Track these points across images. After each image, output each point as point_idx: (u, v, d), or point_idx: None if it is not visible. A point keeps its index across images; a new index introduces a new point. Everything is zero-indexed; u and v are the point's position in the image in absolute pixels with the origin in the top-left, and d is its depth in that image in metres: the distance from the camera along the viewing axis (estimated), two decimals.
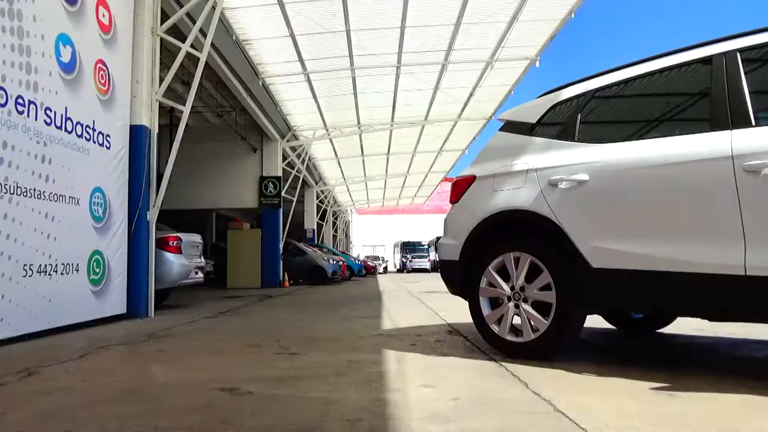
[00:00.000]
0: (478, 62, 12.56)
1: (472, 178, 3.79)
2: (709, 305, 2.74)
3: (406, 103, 15.17)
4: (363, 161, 22.75)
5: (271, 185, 16.21)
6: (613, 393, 2.49)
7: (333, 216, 33.34)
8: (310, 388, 2.70)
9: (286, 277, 16.13)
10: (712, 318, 3.01)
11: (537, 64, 12.43)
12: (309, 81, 13.05)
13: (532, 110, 3.70)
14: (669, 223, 2.79)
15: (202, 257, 8.96)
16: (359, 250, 51.21)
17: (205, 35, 7.88)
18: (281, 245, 16.34)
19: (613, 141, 3.18)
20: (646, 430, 1.94)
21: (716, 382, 2.62)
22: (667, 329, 4.43)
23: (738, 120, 2.65)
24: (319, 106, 14.95)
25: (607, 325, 4.64)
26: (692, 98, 3.10)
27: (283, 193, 16.47)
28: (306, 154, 18.31)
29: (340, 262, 19.90)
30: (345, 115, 15.92)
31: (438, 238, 5.57)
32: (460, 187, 3.87)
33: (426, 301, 8.44)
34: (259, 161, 16.49)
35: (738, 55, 2.77)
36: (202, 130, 16.25)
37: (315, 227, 25.69)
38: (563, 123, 3.45)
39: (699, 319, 3.11)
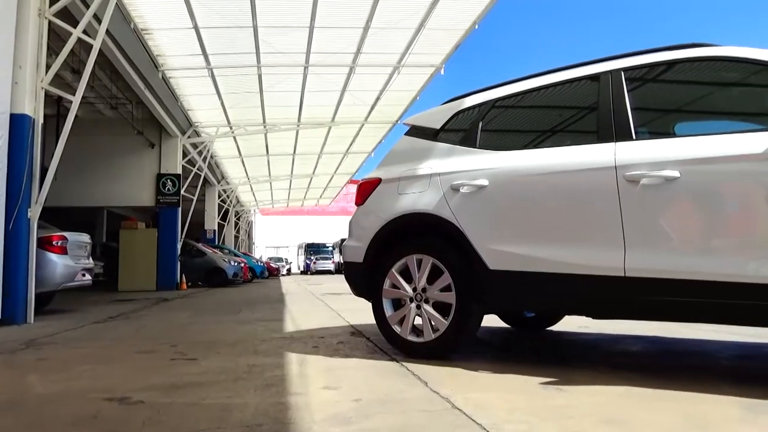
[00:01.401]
0: (385, 67, 12.73)
1: (377, 181, 3.84)
2: (593, 304, 2.95)
3: (314, 104, 15.07)
4: (268, 161, 22.32)
5: (170, 183, 15.46)
6: (506, 389, 2.61)
7: (235, 216, 32.38)
8: (207, 394, 2.59)
9: (184, 280, 15.44)
10: (595, 316, 3.25)
11: (442, 71, 12.82)
12: (213, 76, 12.61)
13: (436, 116, 3.80)
14: (559, 227, 2.98)
15: (91, 258, 8.37)
16: (262, 251, 50.15)
17: (99, 21, 7.38)
18: (179, 246, 15.63)
19: (510, 149, 3.34)
20: (534, 423, 2.05)
21: (598, 376, 2.82)
22: (556, 327, 4.72)
23: (621, 133, 2.87)
24: (223, 103, 14.48)
25: (501, 323, 4.86)
26: (582, 112, 3.32)
27: (182, 192, 15.76)
28: (208, 151, 17.64)
29: (242, 264, 19.36)
30: (250, 113, 15.53)
31: (343, 240, 5.58)
32: (366, 190, 3.90)
33: (329, 303, 8.42)
34: (156, 157, 15.66)
35: (622, 74, 3.01)
36: (94, 122, 15.17)
37: (216, 228, 24.84)
38: (465, 130, 3.58)
39: (584, 317, 3.34)
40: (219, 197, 25.28)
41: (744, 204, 2.54)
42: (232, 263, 18.06)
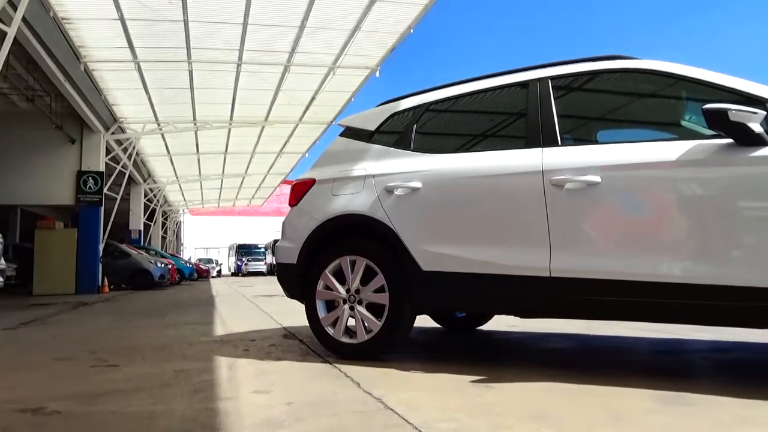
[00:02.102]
0: (320, 67, 12.66)
1: (311, 182, 3.81)
2: (521, 304, 3.05)
3: (247, 102, 14.77)
4: (198, 159, 21.66)
5: (92, 181, 14.69)
6: (438, 388, 2.65)
7: (163, 216, 31.22)
8: (131, 402, 2.48)
9: (106, 282, 14.71)
10: (523, 315, 3.37)
11: (377, 74, 12.89)
12: (140, 70, 12.10)
13: (371, 118, 3.82)
14: (490, 229, 3.06)
15: (2, 259, 7.82)
16: (191, 252, 48.56)
17: (15, 8, 6.92)
18: (101, 247, 14.88)
19: (444, 152, 3.40)
20: (465, 420, 2.10)
21: (526, 373, 2.92)
22: (486, 326, 4.85)
23: (548, 139, 2.99)
24: (150, 98, 13.92)
25: (433, 323, 4.94)
26: (512, 117, 3.43)
27: (105, 190, 15.02)
28: (134, 148, 16.91)
29: (169, 266, 18.68)
30: (180, 109, 15.01)
31: (275, 241, 5.49)
32: (300, 190, 3.86)
33: (261, 305, 8.27)
34: (77, 154, 14.85)
35: (549, 82, 3.14)
36: (7, 115, 14.20)
37: (142, 228, 23.85)
38: (400, 132, 3.62)
39: (513, 317, 3.44)
40: (145, 196, 24.30)
41: (658, 208, 2.71)
42: (159, 265, 17.38)
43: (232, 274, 40.82)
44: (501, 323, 5.00)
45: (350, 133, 3.89)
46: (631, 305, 2.68)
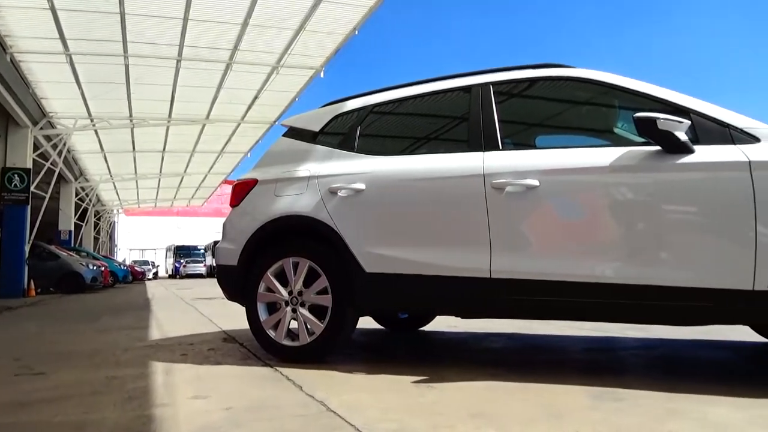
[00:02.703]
0: (264, 66, 12.47)
1: (253, 182, 3.74)
2: (462, 304, 3.10)
3: (187, 99, 14.35)
4: (134, 157, 20.86)
5: (17, 178, 13.88)
6: (380, 389, 2.66)
7: (95, 216, 29.90)
8: (59, 411, 2.35)
9: (33, 286, 13.92)
10: (464, 315, 3.42)
11: (322, 74, 12.83)
12: (72, 63, 11.54)
13: (315, 119, 3.79)
14: (432, 231, 3.10)
15: None
16: (126, 254, 46.71)
17: None
18: (27, 248, 14.07)
19: (387, 154, 3.42)
20: (406, 421, 2.11)
21: (466, 372, 2.97)
22: (427, 327, 4.90)
23: (489, 143, 3.06)
24: (83, 93, 13.30)
25: (376, 325, 4.95)
26: (454, 121, 3.49)
27: (32, 189, 14.22)
28: (64, 145, 16.09)
29: (102, 268, 17.89)
30: (115, 105, 14.42)
31: (216, 243, 5.35)
32: (241, 191, 3.78)
33: (200, 308, 8.05)
34: (2, 150, 13.99)
35: (491, 87, 3.21)
36: None
37: (72, 228, 22.74)
38: (344, 134, 3.61)
39: (453, 317, 3.50)
40: (76, 195, 23.20)
41: (592, 211, 2.82)
42: (91, 267, 16.62)
43: (170, 277, 39.55)
44: (442, 324, 5.07)
45: (294, 133, 3.85)
46: (567, 305, 2.78)
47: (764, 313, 2.44)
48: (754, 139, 2.52)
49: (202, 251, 38.86)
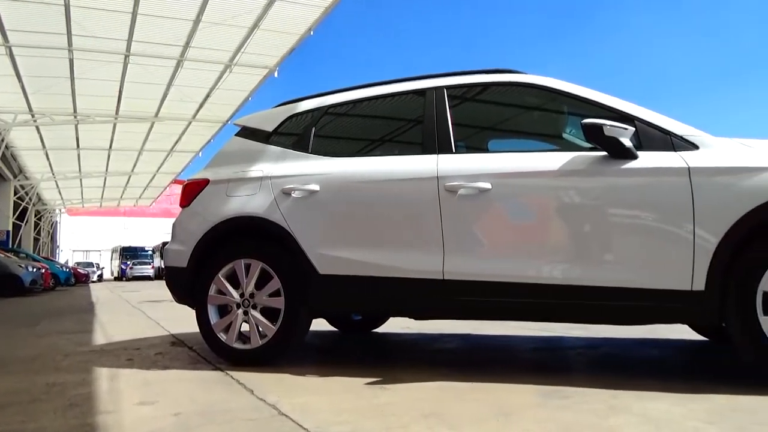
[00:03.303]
0: (216, 64, 12.26)
1: (205, 182, 3.66)
2: (416, 306, 3.12)
3: (135, 96, 13.95)
4: (79, 155, 20.11)
5: None
6: (332, 391, 2.64)
7: (36, 216, 28.62)
8: None
9: None
10: (417, 317, 3.45)
11: (276, 74, 12.71)
12: (11, 55, 11.03)
13: (269, 119, 3.75)
14: (386, 233, 3.11)
15: None
16: (68, 255, 44.86)
17: None
18: None
19: (342, 155, 3.41)
20: (359, 422, 2.11)
21: (420, 373, 2.99)
22: (381, 329, 4.92)
23: (443, 146, 3.10)
24: (23, 87, 12.73)
25: (329, 327, 4.92)
26: (409, 124, 3.51)
27: None
28: (2, 141, 15.34)
29: (43, 270, 17.12)
30: (58, 100, 13.86)
31: (165, 244, 5.21)
32: (192, 191, 3.70)
33: (147, 311, 7.81)
34: None
35: (445, 91, 3.25)
36: None
37: (10, 229, 21.70)
38: (298, 134, 3.58)
39: (407, 318, 3.52)
40: (15, 194, 22.17)
41: (541, 214, 2.89)
42: (30, 269, 15.86)
43: (116, 279, 38.23)
44: (396, 325, 5.09)
45: (247, 133, 3.79)
46: (517, 306, 2.84)
47: (701, 312, 2.56)
48: (693, 146, 2.65)
49: (150, 253, 37.76)
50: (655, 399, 2.32)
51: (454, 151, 3.08)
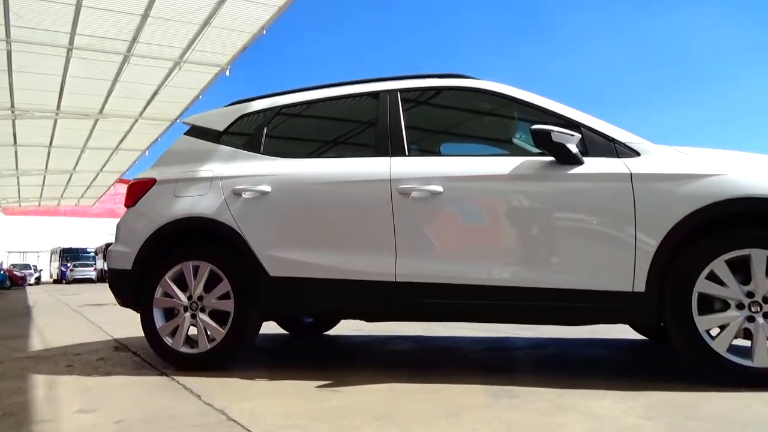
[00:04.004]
0: (165, 60, 11.93)
1: (151, 182, 3.56)
2: (368, 308, 3.13)
3: (78, 92, 13.41)
4: (16, 152, 19.16)
5: None
6: (282, 395, 2.61)
7: None
8: None
9: None
10: (369, 319, 3.45)
11: (227, 72, 12.48)
12: None
13: (220, 118, 3.67)
14: (339, 235, 3.10)
15: None
16: (3, 257, 42.66)
17: None
18: None
19: (295, 156, 3.38)
20: (309, 426, 2.09)
21: (371, 375, 2.98)
22: (332, 331, 4.89)
23: (396, 149, 3.11)
24: None
25: (280, 330, 4.87)
26: (362, 126, 3.52)
27: None
28: None
29: None
30: None
31: (108, 245, 5.03)
32: (138, 191, 3.59)
33: (89, 315, 7.51)
34: None
35: (399, 94, 3.27)
36: None
37: None
38: (250, 134, 3.52)
39: (358, 321, 3.52)
40: None
41: (491, 217, 2.95)
42: None
43: (55, 281, 36.60)
44: (347, 327, 5.08)
45: (196, 132, 3.71)
46: (468, 307, 2.89)
47: (642, 313, 2.66)
48: (635, 153, 2.76)
49: (93, 254, 36.35)
50: (598, 397, 2.40)
51: (407, 153, 3.10)
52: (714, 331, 2.58)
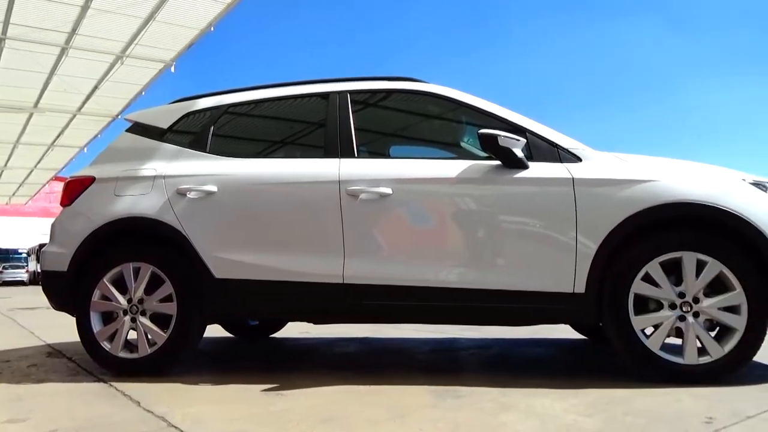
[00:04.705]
0: (107, 54, 11.50)
1: (90, 180, 3.41)
2: (316, 310, 3.11)
3: (10, 84, 12.75)
4: None
5: None
6: (227, 399, 2.56)
7: None
8: None
9: None
10: (317, 321, 3.43)
11: (173, 68, 12.15)
12: None
13: (164, 115, 3.57)
14: (287, 236, 3.07)
15: None
16: None
17: None
18: None
19: (242, 156, 3.32)
20: (254, 430, 2.05)
21: (318, 377, 2.96)
22: (278, 334, 4.83)
23: (345, 151, 3.10)
24: None
25: (224, 333, 4.77)
26: (312, 126, 3.49)
27: None
28: None
29: None
30: None
31: (42, 246, 4.79)
32: (75, 189, 3.43)
33: (19, 320, 7.13)
34: None
35: (348, 96, 3.26)
36: None
37: None
38: (196, 133, 3.44)
39: (305, 323, 3.48)
40: None
41: (439, 220, 2.99)
42: None
43: None
44: (294, 330, 5.02)
45: (139, 129, 3.58)
46: (415, 309, 2.92)
47: (582, 313, 2.76)
48: (576, 158, 2.85)
49: (25, 255, 34.54)
50: (540, 395, 2.47)
51: (356, 155, 3.10)
52: (649, 330, 2.71)
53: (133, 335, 3.15)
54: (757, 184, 2.73)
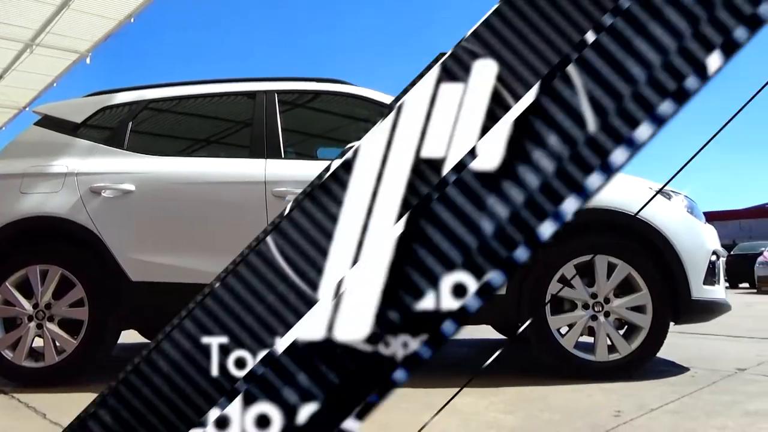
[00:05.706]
0: (14, 41, 10.72)
1: None
2: None
3: None
4: None
5: None
6: None
7: None
8: None
9: None
10: None
11: (88, 60, 11.49)
12: None
13: (78, 109, 3.37)
14: (209, 238, 2.98)
15: None
16: None
17: None
18: None
19: (163, 154, 3.20)
20: None
21: None
22: None
23: (271, 151, 3.06)
24: None
25: (140, 338, 4.56)
26: (238, 125, 3.42)
27: None
28: None
29: None
30: None
31: None
32: None
33: None
34: None
35: (276, 95, 3.22)
36: None
37: None
38: (112, 128, 3.28)
39: None
40: None
41: None
42: None
43: None
44: None
45: (49, 122, 3.36)
46: None
47: (503, 314, 2.86)
48: None
49: None
50: (462, 394, 2.52)
51: (283, 156, 3.06)
52: (564, 330, 2.84)
53: (39, 343, 2.96)
54: (662, 193, 2.94)
